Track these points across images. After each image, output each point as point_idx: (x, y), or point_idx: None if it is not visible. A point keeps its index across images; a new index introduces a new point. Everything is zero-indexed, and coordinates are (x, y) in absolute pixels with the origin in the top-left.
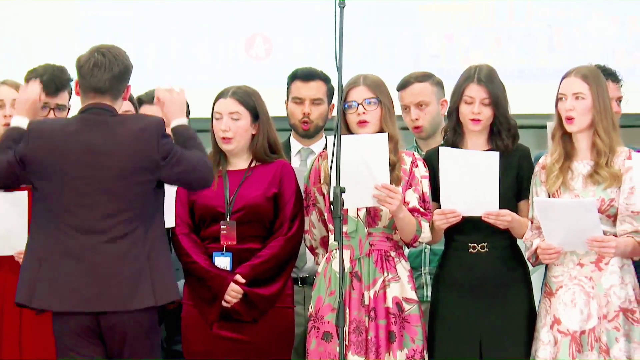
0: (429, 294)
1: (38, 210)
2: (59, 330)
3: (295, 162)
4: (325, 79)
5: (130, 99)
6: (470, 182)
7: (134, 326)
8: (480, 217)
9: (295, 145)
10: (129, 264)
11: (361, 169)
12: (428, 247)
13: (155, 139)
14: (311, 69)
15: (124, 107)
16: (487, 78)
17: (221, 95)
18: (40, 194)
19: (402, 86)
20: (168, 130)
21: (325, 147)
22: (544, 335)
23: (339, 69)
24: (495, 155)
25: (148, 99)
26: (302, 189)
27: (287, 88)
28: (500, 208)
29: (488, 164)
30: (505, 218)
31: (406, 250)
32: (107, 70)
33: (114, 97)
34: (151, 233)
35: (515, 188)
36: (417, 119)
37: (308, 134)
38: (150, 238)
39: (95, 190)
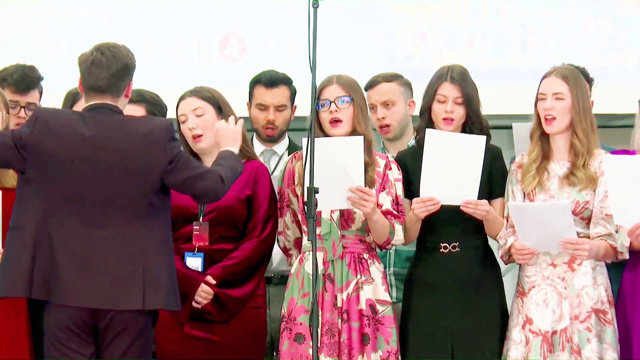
0: (395, 295)
1: (29, 198)
2: (53, 322)
3: None
4: (288, 83)
5: (145, 98)
6: (454, 168)
7: (130, 325)
8: (455, 214)
9: (258, 147)
10: (122, 264)
11: (336, 172)
12: (393, 248)
13: (162, 141)
14: (274, 74)
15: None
16: (460, 77)
17: (182, 98)
18: (36, 182)
19: (370, 85)
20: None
21: (301, 148)
22: (515, 334)
23: (313, 69)
24: (482, 139)
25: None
26: (275, 190)
27: (250, 91)
28: None
29: (474, 148)
30: (483, 208)
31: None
32: (105, 68)
33: (115, 96)
34: (151, 236)
35: (487, 187)
36: (383, 118)
37: (272, 138)
38: (150, 241)
39: (97, 187)
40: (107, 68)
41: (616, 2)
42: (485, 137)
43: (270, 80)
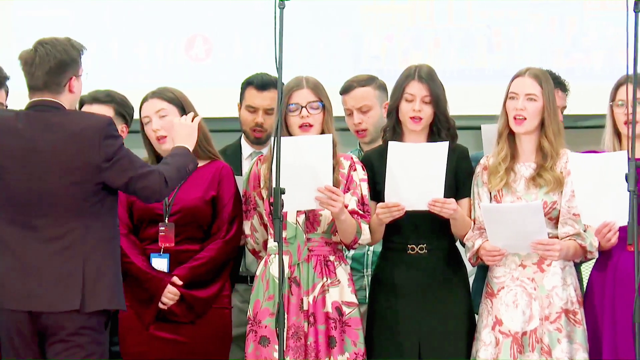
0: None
1: None
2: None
3: (246, 165)
4: None
5: (114, 99)
6: (417, 177)
7: (71, 327)
8: (422, 215)
9: (247, 148)
10: (60, 265)
11: (304, 171)
12: (371, 249)
13: (97, 138)
14: (266, 78)
15: None
16: (428, 76)
17: (144, 100)
18: None
19: (345, 90)
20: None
21: (270, 150)
22: (485, 335)
23: (279, 69)
24: (445, 145)
25: (88, 99)
26: (240, 191)
27: (241, 93)
28: None
29: (436, 155)
30: (451, 206)
31: (350, 252)
32: (38, 67)
33: (55, 92)
34: (92, 236)
35: (453, 188)
36: (360, 123)
37: (260, 141)
38: (91, 241)
39: (34, 189)
40: (41, 66)
41: (582, 2)
42: (447, 143)
43: (262, 83)
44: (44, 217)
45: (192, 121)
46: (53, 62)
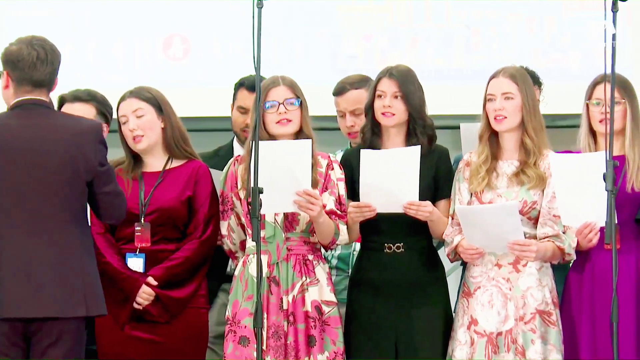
0: None
1: None
2: None
3: None
4: None
5: (95, 98)
6: (391, 182)
7: (65, 333)
8: (399, 215)
9: (238, 150)
10: (62, 271)
11: (282, 174)
12: (357, 249)
13: (92, 142)
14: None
15: None
16: (400, 73)
17: (122, 99)
18: None
19: (338, 92)
20: None
21: (247, 150)
22: (461, 335)
23: (257, 69)
24: (417, 149)
25: (70, 98)
26: (217, 191)
27: (234, 94)
28: None
29: (409, 159)
30: (426, 209)
31: (336, 252)
32: (49, 64)
33: (49, 90)
34: (84, 239)
35: (433, 188)
36: (352, 126)
37: None
38: (84, 244)
39: (32, 191)
40: (51, 63)
41: (560, 2)
42: (419, 147)
43: (253, 84)
44: (43, 220)
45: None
46: (58, 62)
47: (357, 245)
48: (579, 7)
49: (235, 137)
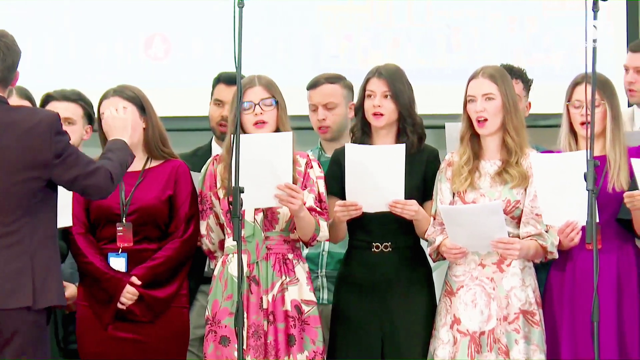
0: (325, 296)
1: None
2: None
3: None
4: None
5: (28, 96)
6: (376, 178)
7: (20, 324)
8: (386, 214)
9: (216, 149)
10: (9, 262)
11: (263, 169)
12: (326, 249)
13: (47, 134)
14: (234, 73)
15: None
16: (389, 73)
17: (104, 97)
18: None
19: (312, 86)
20: None
21: (226, 149)
22: (443, 334)
23: (238, 69)
24: (401, 147)
25: (58, 96)
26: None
27: (212, 90)
28: None
29: (394, 157)
30: (412, 208)
31: (305, 252)
32: (1, 60)
33: (4, 86)
34: (38, 233)
35: (421, 189)
36: (324, 120)
37: (225, 137)
38: (37, 238)
39: None
40: (3, 60)
41: (541, 2)
42: (404, 145)
43: (229, 77)
44: None
45: (124, 113)
46: (14, 56)
47: (327, 245)
48: (560, 7)
49: (213, 138)
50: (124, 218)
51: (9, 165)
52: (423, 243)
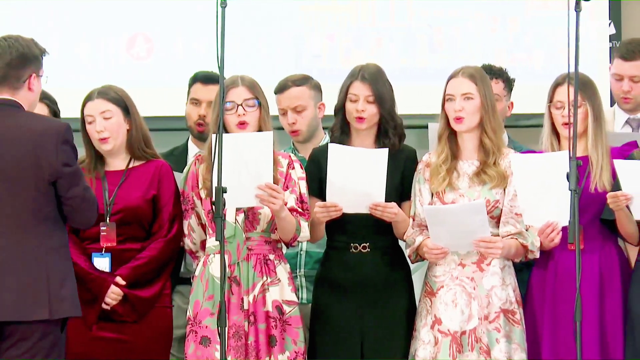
0: (305, 296)
1: None
2: None
3: None
4: None
5: (49, 98)
6: (358, 180)
7: (28, 337)
8: (365, 214)
9: (193, 148)
10: (24, 273)
11: (244, 169)
12: (304, 249)
13: (54, 142)
14: (212, 73)
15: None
16: (371, 76)
17: (88, 99)
18: None
19: (280, 90)
20: None
21: (208, 149)
22: (424, 334)
23: (221, 68)
24: (384, 152)
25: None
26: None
27: (188, 90)
28: None
29: (376, 161)
30: (392, 210)
31: (283, 251)
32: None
33: (13, 88)
34: (51, 242)
35: (400, 189)
36: (294, 123)
37: (203, 136)
38: (50, 248)
39: None
40: (1, 57)
41: (523, 2)
42: (387, 150)
43: (206, 76)
44: (4, 221)
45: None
46: (15, 54)
47: (305, 245)
48: (543, 7)
49: (190, 137)
50: (107, 218)
51: (19, 173)
52: (401, 243)
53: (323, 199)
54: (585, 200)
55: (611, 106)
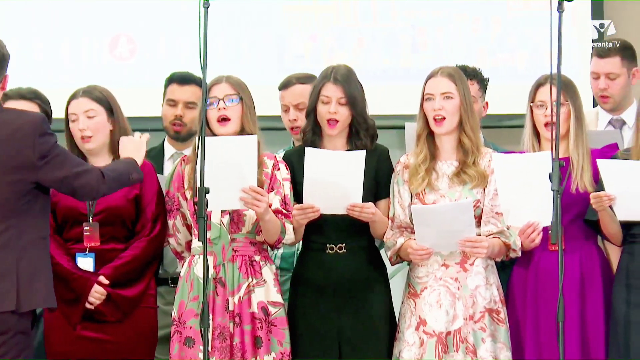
0: None
1: None
2: None
3: (168, 166)
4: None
5: (40, 98)
6: (335, 182)
7: (3, 328)
8: (341, 215)
9: (169, 149)
10: None
11: (228, 171)
12: (301, 248)
13: (31, 136)
14: (187, 74)
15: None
16: (344, 78)
17: (73, 97)
18: None
19: (284, 86)
20: None
21: (194, 150)
22: (409, 336)
23: (204, 69)
24: (362, 154)
25: (14, 95)
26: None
27: (164, 91)
28: None
29: (353, 163)
30: (369, 210)
31: (279, 252)
32: None
33: None
34: (26, 235)
35: (374, 188)
36: (295, 120)
37: (179, 136)
38: (25, 240)
39: None
40: None
41: (505, 3)
42: (364, 152)
43: (182, 77)
44: None
45: (140, 138)
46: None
47: (301, 244)
48: (525, 7)
49: (166, 138)
50: (90, 218)
51: None
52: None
53: (298, 201)
54: (566, 200)
55: (593, 107)
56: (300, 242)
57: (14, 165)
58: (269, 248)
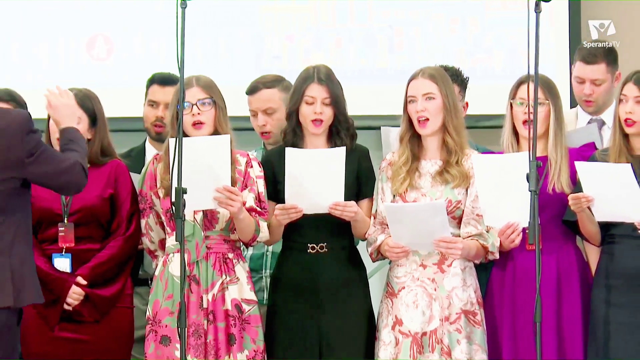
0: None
1: None
2: None
3: None
4: None
5: (15, 100)
6: (316, 181)
7: None
8: (322, 215)
9: (150, 150)
10: None
11: (202, 171)
12: (270, 249)
13: (19, 134)
14: (168, 74)
15: None
16: (327, 77)
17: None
18: None
19: (251, 91)
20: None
21: (166, 149)
22: (385, 335)
23: (181, 69)
24: (342, 151)
25: None
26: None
27: (145, 92)
28: None
29: (334, 160)
30: (351, 209)
31: (249, 252)
32: None
33: None
34: (14, 232)
35: (355, 188)
36: (264, 125)
37: (161, 137)
38: (13, 237)
39: None
40: None
41: (483, 3)
42: (344, 148)
43: (163, 78)
44: None
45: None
46: None
47: (271, 247)
48: (502, 8)
49: (147, 138)
50: (65, 218)
51: None
52: (362, 245)
53: (278, 201)
54: (543, 200)
55: (571, 108)
56: (270, 244)
57: (3, 163)
58: (242, 246)
